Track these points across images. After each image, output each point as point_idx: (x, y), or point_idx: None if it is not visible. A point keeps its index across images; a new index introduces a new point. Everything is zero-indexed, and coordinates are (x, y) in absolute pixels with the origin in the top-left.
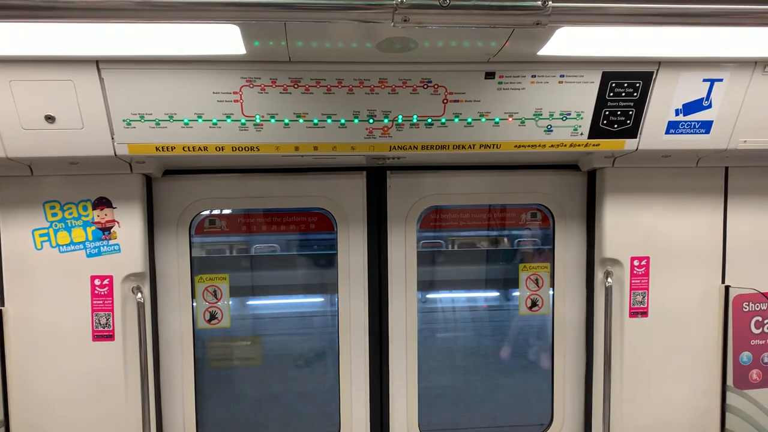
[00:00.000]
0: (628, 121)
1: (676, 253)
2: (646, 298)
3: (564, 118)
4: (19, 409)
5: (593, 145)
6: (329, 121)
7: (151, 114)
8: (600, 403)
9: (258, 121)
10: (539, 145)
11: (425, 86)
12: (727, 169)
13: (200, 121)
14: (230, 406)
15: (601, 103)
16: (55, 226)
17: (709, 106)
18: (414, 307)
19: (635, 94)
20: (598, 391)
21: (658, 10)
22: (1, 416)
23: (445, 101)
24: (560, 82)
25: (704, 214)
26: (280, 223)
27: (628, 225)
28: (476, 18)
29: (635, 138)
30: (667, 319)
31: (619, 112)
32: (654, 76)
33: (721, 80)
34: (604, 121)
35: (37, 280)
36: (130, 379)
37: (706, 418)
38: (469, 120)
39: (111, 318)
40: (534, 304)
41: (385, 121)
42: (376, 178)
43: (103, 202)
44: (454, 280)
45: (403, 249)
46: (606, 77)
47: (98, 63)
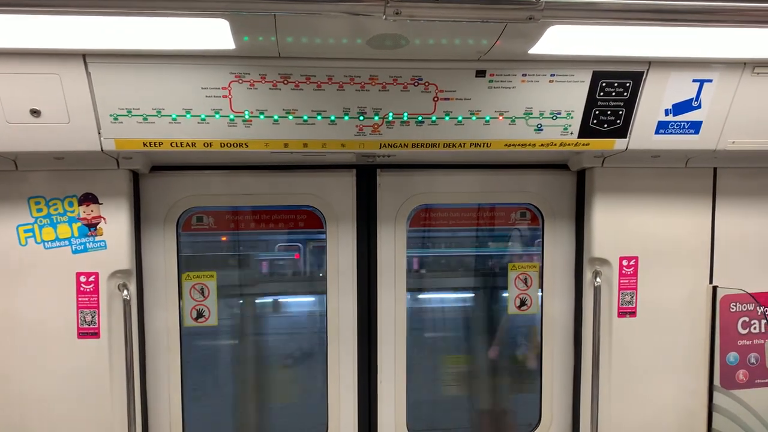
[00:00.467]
0: (618, 121)
1: (665, 254)
2: (635, 298)
3: (554, 118)
4: (3, 408)
5: (583, 145)
6: (319, 117)
7: (138, 109)
8: (588, 402)
9: (247, 117)
10: (529, 144)
11: (416, 84)
12: (715, 170)
13: (188, 116)
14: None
15: (591, 102)
16: (40, 221)
17: (699, 107)
18: (403, 306)
19: (625, 94)
20: (586, 391)
21: (651, 7)
22: None
23: (436, 99)
24: (551, 81)
25: (693, 215)
26: (269, 220)
27: (617, 225)
28: (469, 12)
29: (625, 138)
30: (655, 319)
31: (609, 112)
32: (644, 76)
33: (711, 81)
34: (594, 121)
35: (22, 276)
36: (115, 378)
37: (693, 418)
38: (460, 118)
39: (96, 315)
40: (523, 303)
41: (376, 118)
42: (366, 176)
43: (89, 198)
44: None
45: (393, 248)
46: (596, 77)
47: (85, 57)
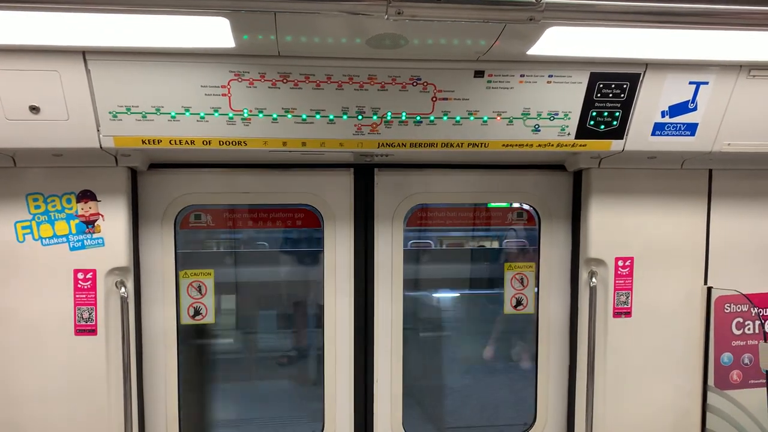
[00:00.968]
0: (615, 122)
1: (660, 254)
2: (630, 298)
3: (552, 118)
4: (0, 404)
5: (580, 146)
6: (318, 116)
7: (137, 106)
8: (583, 402)
9: (246, 116)
10: (527, 145)
11: (414, 83)
12: (711, 172)
13: (187, 114)
14: None
15: (588, 103)
16: (38, 218)
17: (695, 109)
18: (400, 306)
19: (622, 96)
20: (581, 391)
21: (649, 9)
22: None
23: (434, 99)
24: (548, 82)
25: (688, 216)
26: (267, 219)
27: (613, 225)
28: (470, 12)
29: (621, 139)
30: (650, 320)
31: (606, 113)
32: (641, 78)
33: (707, 83)
34: (591, 122)
35: (19, 273)
36: (112, 375)
37: (688, 418)
38: (458, 118)
39: (94, 312)
40: (519, 303)
41: (374, 117)
42: (364, 176)
43: (87, 195)
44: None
45: (390, 247)
46: (594, 78)
47: (85, 54)
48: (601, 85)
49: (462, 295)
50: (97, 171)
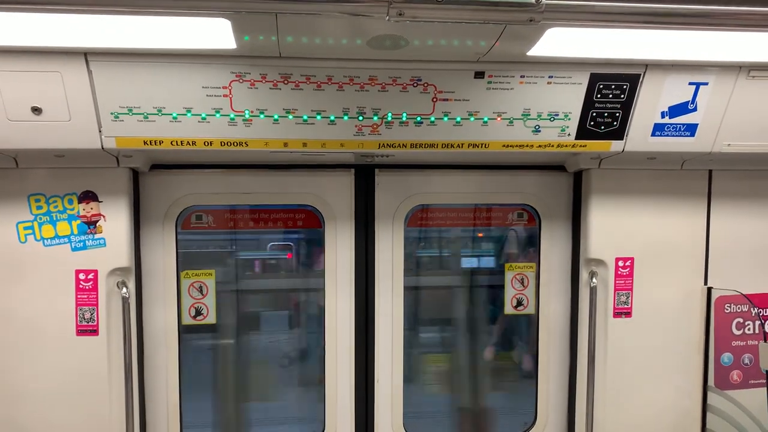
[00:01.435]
0: (615, 123)
1: (660, 255)
2: (630, 298)
3: (552, 119)
4: (1, 404)
5: (580, 146)
6: (319, 117)
7: (139, 107)
8: (583, 402)
9: (247, 117)
10: (527, 145)
11: (415, 84)
12: (711, 172)
13: (189, 115)
14: None
15: (588, 104)
16: (40, 219)
17: (695, 110)
18: (400, 306)
19: (622, 96)
20: (582, 391)
21: (649, 10)
22: None
23: (435, 100)
24: (549, 83)
25: (688, 216)
26: (268, 219)
27: (613, 226)
28: (470, 14)
29: (621, 140)
30: (651, 320)
31: (606, 114)
32: (641, 79)
33: (707, 84)
34: (591, 123)
35: (21, 273)
36: (113, 375)
37: (688, 418)
38: (458, 119)
39: (95, 313)
40: (519, 303)
41: (375, 118)
42: (365, 176)
43: (89, 196)
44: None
45: (391, 247)
46: (594, 79)
47: (87, 55)
48: (601, 86)
49: None
50: (98, 172)
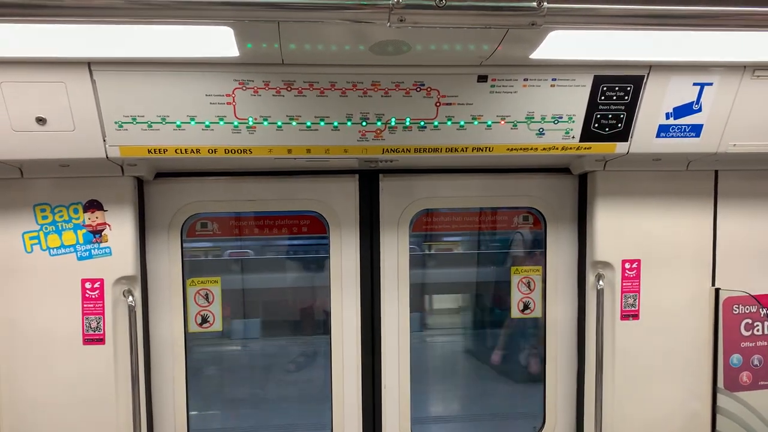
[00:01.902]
0: (620, 125)
1: (667, 256)
2: (637, 300)
3: (556, 122)
4: (8, 414)
5: (585, 149)
6: (322, 123)
7: (143, 116)
8: (592, 405)
9: (251, 124)
10: (531, 148)
11: (418, 89)
12: (717, 173)
13: (193, 123)
14: None
15: (592, 106)
16: (46, 228)
17: (699, 110)
18: (406, 311)
19: (626, 98)
20: (590, 394)
21: (651, 12)
22: None
23: (438, 104)
24: (552, 86)
25: (694, 217)
26: (273, 226)
27: (620, 228)
28: (472, 18)
29: (626, 141)
30: (658, 322)
31: (610, 116)
32: (645, 80)
33: (711, 84)
34: (596, 125)
35: (27, 283)
36: (120, 384)
37: (697, 421)
38: (462, 123)
39: (102, 322)
40: (526, 307)
41: (378, 123)
42: (369, 182)
43: (94, 205)
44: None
45: (396, 252)
46: (597, 81)
47: (90, 65)
48: (605, 88)
49: None
50: (103, 181)
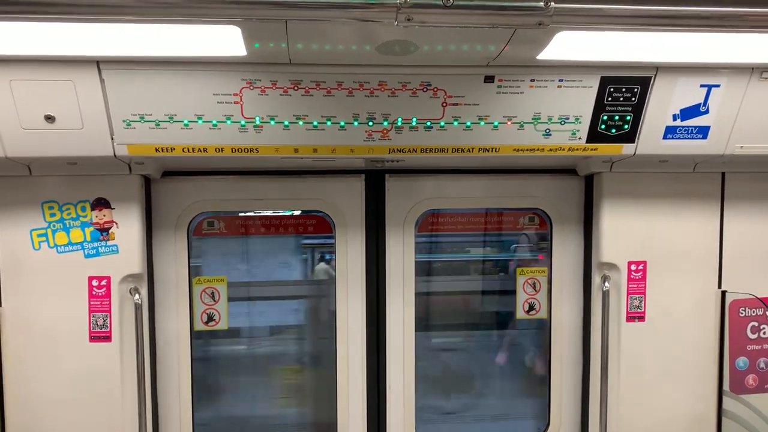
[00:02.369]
0: (626, 126)
1: (673, 258)
2: (643, 302)
3: (562, 123)
4: (15, 410)
5: (591, 150)
6: (329, 123)
7: (151, 115)
8: (597, 407)
9: (258, 123)
10: (538, 149)
11: (425, 89)
12: (723, 175)
13: (200, 122)
14: None
15: (599, 107)
16: (54, 226)
17: (707, 112)
18: (411, 311)
19: (633, 99)
20: (595, 395)
21: (659, 12)
22: None
23: (445, 104)
24: (559, 87)
25: (701, 219)
26: (279, 225)
27: (626, 229)
28: (479, 18)
29: (633, 143)
30: (664, 324)
31: (617, 117)
32: (652, 82)
33: (719, 86)
34: (602, 126)
35: (35, 280)
36: (126, 381)
37: (703, 423)
38: (468, 123)
39: (108, 319)
40: (531, 308)
41: (385, 123)
42: (375, 182)
43: (101, 203)
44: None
45: (401, 252)
46: (604, 82)
47: (99, 63)
48: (612, 89)
49: None
50: (111, 179)
